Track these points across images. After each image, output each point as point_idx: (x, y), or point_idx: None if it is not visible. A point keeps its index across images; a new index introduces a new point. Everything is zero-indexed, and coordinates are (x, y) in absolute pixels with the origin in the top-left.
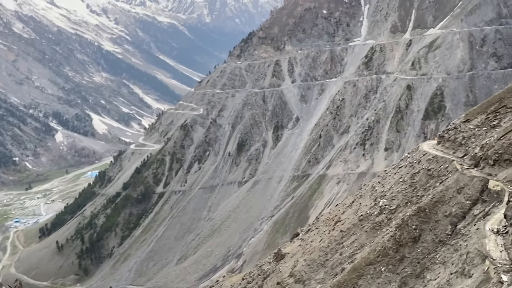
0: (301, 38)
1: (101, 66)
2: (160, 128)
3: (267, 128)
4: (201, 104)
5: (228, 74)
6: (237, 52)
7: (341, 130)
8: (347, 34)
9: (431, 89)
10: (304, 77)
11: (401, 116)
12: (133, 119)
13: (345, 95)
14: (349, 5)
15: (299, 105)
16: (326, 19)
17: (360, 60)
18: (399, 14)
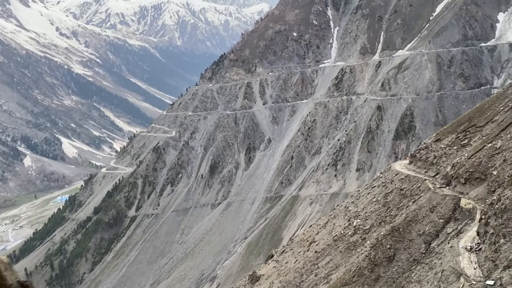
0: (272, 60)
1: (71, 89)
2: (132, 151)
3: (239, 150)
4: (173, 127)
5: (200, 96)
6: (209, 74)
7: (313, 151)
8: (317, 56)
9: (401, 110)
10: (276, 99)
11: (372, 136)
12: (104, 143)
13: (316, 116)
14: (319, 27)
15: (270, 127)
16: (296, 42)
17: (331, 81)
18: (368, 36)
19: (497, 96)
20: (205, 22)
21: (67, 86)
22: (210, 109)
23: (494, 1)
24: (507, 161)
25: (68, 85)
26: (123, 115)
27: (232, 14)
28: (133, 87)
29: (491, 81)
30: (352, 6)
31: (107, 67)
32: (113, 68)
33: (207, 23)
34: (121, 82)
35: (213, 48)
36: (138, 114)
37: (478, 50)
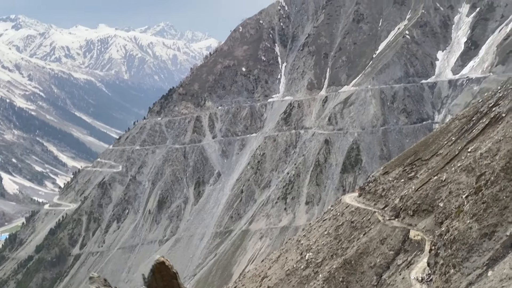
0: (221, 95)
1: (12, 123)
2: (77, 187)
3: (188, 184)
4: (120, 161)
5: (148, 130)
6: (157, 108)
7: (263, 185)
8: (266, 91)
9: (348, 143)
10: (225, 133)
11: (320, 169)
12: (47, 178)
13: (265, 150)
14: (267, 63)
15: (220, 161)
16: (245, 76)
17: (279, 115)
18: (315, 72)
19: (441, 130)
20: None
21: (9, 120)
22: (158, 143)
23: (433, 40)
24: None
25: (9, 119)
26: (67, 149)
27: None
28: (78, 121)
29: (432, 116)
30: (299, 43)
31: (51, 101)
32: (58, 102)
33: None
34: (66, 116)
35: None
36: (82, 149)
37: (419, 86)
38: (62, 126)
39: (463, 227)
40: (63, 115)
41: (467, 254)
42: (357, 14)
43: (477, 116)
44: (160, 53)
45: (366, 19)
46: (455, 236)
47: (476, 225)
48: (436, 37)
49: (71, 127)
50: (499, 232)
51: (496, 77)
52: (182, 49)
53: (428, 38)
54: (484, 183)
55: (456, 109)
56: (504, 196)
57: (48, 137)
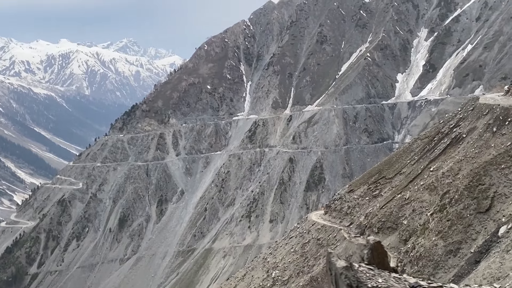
0: (186, 112)
1: None
2: (35, 204)
3: (150, 202)
4: (80, 178)
5: (110, 147)
6: (120, 124)
7: (227, 203)
8: (231, 109)
9: (311, 162)
10: (189, 150)
11: (285, 188)
12: (4, 195)
13: (230, 168)
14: (232, 81)
15: (184, 178)
16: (210, 94)
17: (244, 134)
18: (280, 91)
19: (404, 150)
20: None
21: None
22: (120, 160)
23: (393, 63)
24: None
25: None
26: (26, 166)
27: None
28: (37, 137)
29: (393, 136)
30: (264, 63)
31: (9, 116)
32: (16, 117)
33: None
34: (24, 131)
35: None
36: (41, 165)
37: (380, 107)
38: (20, 142)
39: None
40: (22, 130)
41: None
42: (320, 36)
43: (439, 137)
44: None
45: (329, 40)
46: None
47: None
48: (396, 59)
49: (30, 143)
50: (463, 249)
51: (454, 99)
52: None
53: (388, 61)
54: (448, 201)
55: (415, 130)
56: (468, 214)
57: (5, 152)
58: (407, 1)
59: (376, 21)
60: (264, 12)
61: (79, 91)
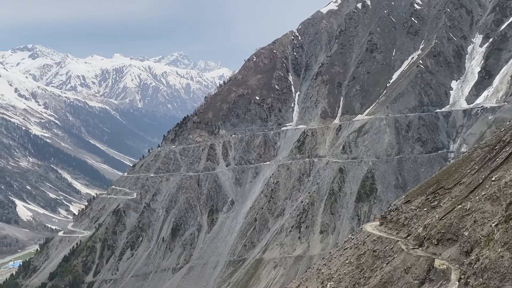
0: (235, 123)
1: (28, 150)
2: (91, 214)
3: (202, 212)
4: (134, 189)
5: (163, 158)
6: (172, 136)
7: (276, 213)
8: (279, 119)
9: (362, 172)
10: (239, 161)
11: (335, 198)
12: (61, 205)
13: (279, 178)
14: (281, 92)
15: (233, 189)
16: (259, 105)
17: (293, 144)
18: (328, 101)
19: (463, 159)
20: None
21: (24, 148)
22: (172, 171)
23: (447, 70)
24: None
25: (25, 146)
26: (81, 177)
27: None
28: (93, 148)
29: (447, 146)
30: (312, 73)
31: (66, 129)
32: (72, 129)
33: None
34: (80, 143)
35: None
36: (97, 176)
37: (433, 115)
38: (76, 154)
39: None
40: (78, 142)
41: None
42: (370, 44)
43: (500, 145)
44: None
45: (380, 48)
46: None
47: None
48: (450, 66)
49: (85, 155)
50: None
51: (511, 106)
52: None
53: (442, 68)
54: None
55: (471, 138)
56: None
57: (62, 164)
58: (460, 7)
59: (428, 28)
60: (313, 22)
61: (132, 104)
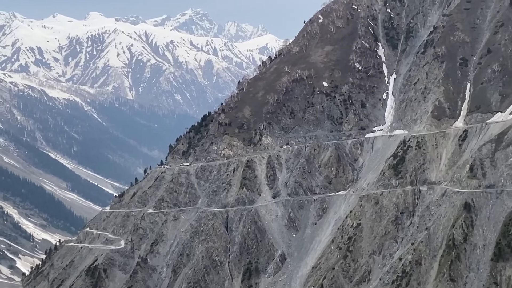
0: (288, 126)
1: None
2: (51, 274)
3: (232, 273)
4: (121, 234)
5: (168, 183)
6: (183, 147)
7: (357, 278)
8: (362, 120)
9: (504, 211)
10: (294, 189)
11: (457, 254)
12: (2, 259)
13: (362, 219)
14: (365, 74)
15: (285, 235)
16: (328, 96)
17: (385, 161)
18: (446, 90)
19: None
20: (173, 63)
21: None
22: (184, 204)
23: None
24: None
25: None
26: (35, 213)
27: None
28: (54, 166)
29: None
30: (417, 42)
31: (12, 134)
32: (21, 135)
33: (177, 64)
34: (34, 158)
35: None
36: (60, 212)
37: None
38: (27, 175)
39: None
40: (30, 156)
41: None
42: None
43: None
44: (185, 58)
45: None
46: None
47: None
48: None
49: (42, 176)
50: None
51: None
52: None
53: None
54: None
55: None
56: None
57: (5, 192)
58: None
59: None
60: None
61: (117, 94)
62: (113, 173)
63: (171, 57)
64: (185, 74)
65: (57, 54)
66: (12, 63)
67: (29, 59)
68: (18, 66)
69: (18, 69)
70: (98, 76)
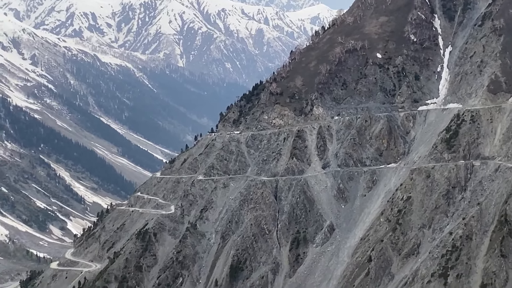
0: (340, 97)
1: (4, 131)
2: (102, 237)
3: (280, 241)
4: (171, 199)
5: (219, 150)
6: (234, 115)
7: (406, 251)
8: (415, 93)
9: None
10: (344, 160)
11: (509, 230)
12: (54, 220)
13: (412, 192)
14: (420, 46)
15: (334, 206)
16: (381, 68)
17: (438, 135)
18: (503, 64)
19: None
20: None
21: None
22: (234, 172)
23: None
24: None
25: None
26: (87, 176)
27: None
28: (106, 131)
29: None
30: (475, 14)
31: (65, 99)
32: (75, 99)
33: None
34: (86, 122)
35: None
36: (111, 176)
37: None
38: (80, 139)
39: None
40: (82, 120)
41: None
42: None
43: None
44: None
45: None
46: None
47: None
48: None
49: (94, 141)
50: None
51: None
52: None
53: None
54: None
55: None
56: None
57: (57, 155)
58: None
59: None
60: None
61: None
62: (162, 140)
63: (222, 25)
64: (236, 43)
65: (110, 20)
66: (66, 28)
67: (83, 25)
68: (72, 31)
69: (72, 34)
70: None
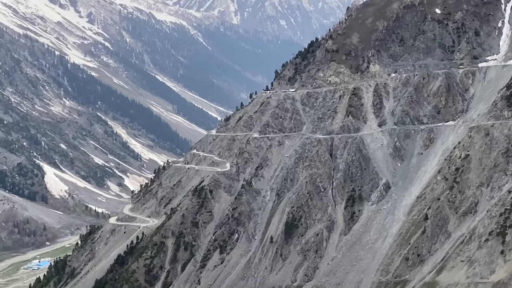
0: (397, 54)
1: (62, 88)
2: (159, 193)
3: (335, 199)
4: (227, 156)
5: (274, 108)
6: (289, 73)
7: (463, 209)
8: (475, 49)
9: None
10: (401, 118)
11: None
12: (112, 176)
13: (470, 150)
14: (480, 1)
15: (390, 164)
16: (440, 24)
17: (498, 92)
18: None
19: None
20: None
21: (57, 84)
22: (289, 130)
23: None
24: None
25: (58, 82)
26: (143, 133)
27: None
28: (161, 89)
29: None
30: None
31: (121, 56)
32: (130, 57)
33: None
34: (142, 80)
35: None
36: (167, 133)
37: None
38: (136, 96)
39: None
40: (139, 79)
41: None
42: None
43: None
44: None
45: None
46: None
47: None
48: None
49: (150, 98)
50: None
51: None
52: None
53: None
54: None
55: None
56: None
57: (114, 112)
58: None
59: None
60: None
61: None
62: (217, 97)
63: None
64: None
65: None
66: None
67: None
68: None
69: None
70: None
